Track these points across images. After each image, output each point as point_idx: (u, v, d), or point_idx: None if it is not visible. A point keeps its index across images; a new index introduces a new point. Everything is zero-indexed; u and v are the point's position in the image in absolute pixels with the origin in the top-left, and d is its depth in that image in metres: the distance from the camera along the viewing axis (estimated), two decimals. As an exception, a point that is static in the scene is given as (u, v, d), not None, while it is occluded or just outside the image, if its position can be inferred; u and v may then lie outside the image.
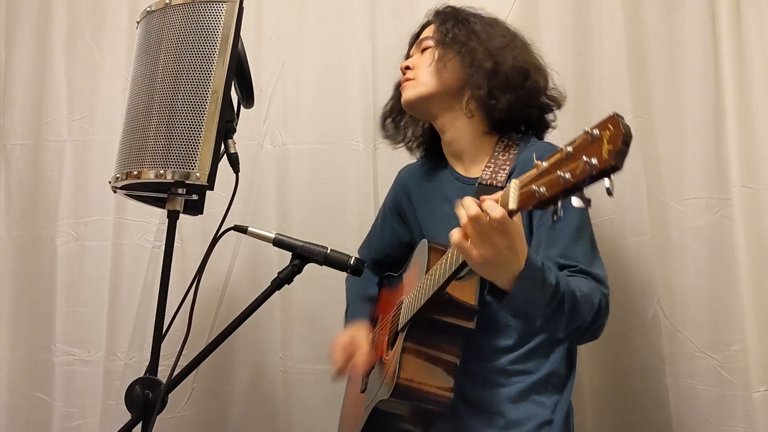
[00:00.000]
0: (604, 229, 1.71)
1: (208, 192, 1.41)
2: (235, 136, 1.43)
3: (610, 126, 0.86)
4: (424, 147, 1.70)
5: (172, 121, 1.34)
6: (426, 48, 1.56)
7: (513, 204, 1.01)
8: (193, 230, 1.99)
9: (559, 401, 1.39)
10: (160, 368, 1.33)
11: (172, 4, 1.40)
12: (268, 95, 2.05)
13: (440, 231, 1.53)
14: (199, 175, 1.31)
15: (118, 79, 2.11)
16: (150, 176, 1.34)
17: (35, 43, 2.20)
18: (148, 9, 1.45)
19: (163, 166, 1.33)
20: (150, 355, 1.33)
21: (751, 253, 1.57)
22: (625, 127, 0.85)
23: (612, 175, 0.86)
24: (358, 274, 1.44)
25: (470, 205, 1.07)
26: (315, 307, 1.95)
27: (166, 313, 1.34)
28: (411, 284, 1.46)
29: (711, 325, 1.63)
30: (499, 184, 1.43)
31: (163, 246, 1.38)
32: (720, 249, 1.62)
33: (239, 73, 1.42)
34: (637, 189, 1.71)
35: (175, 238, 1.40)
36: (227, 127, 1.39)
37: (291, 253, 1.42)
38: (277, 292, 1.40)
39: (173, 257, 1.37)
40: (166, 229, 1.38)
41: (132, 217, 2.06)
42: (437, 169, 1.64)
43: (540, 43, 1.65)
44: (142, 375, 1.30)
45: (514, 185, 1.02)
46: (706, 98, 1.69)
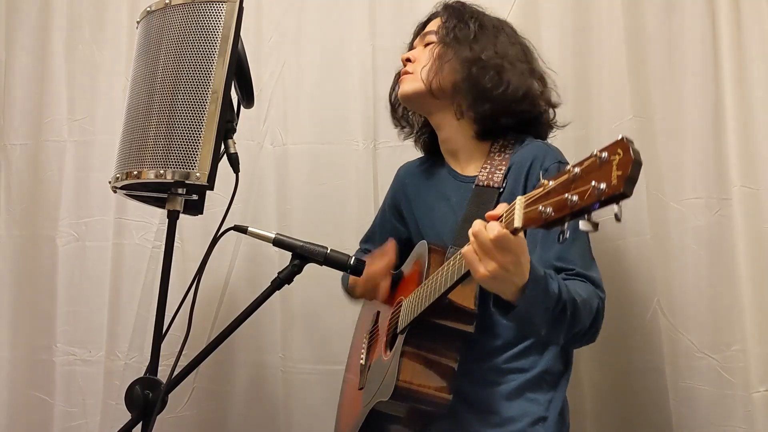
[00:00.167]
0: (604, 229, 1.67)
1: (208, 192, 1.41)
2: (235, 136, 1.43)
3: (619, 150, 0.85)
4: (424, 140, 1.70)
5: (172, 121, 1.34)
6: (429, 43, 1.56)
7: (518, 222, 1.02)
8: (193, 230, 1.99)
9: (554, 398, 1.40)
10: (160, 368, 1.33)
11: (172, 4, 1.40)
12: (268, 95, 2.05)
13: (438, 229, 1.54)
14: (199, 175, 1.31)
15: (119, 79, 2.11)
16: (150, 176, 1.34)
17: (35, 43, 2.19)
18: (148, 9, 1.45)
19: (163, 166, 1.33)
20: (150, 355, 1.34)
21: (751, 253, 1.57)
22: (635, 152, 0.84)
23: (620, 203, 0.86)
24: (358, 274, 1.44)
25: (475, 224, 1.10)
26: (315, 307, 1.95)
27: (166, 313, 1.34)
28: (410, 285, 1.46)
29: (711, 325, 1.62)
30: (496, 184, 1.44)
31: (163, 246, 1.39)
32: (720, 249, 1.62)
33: (239, 73, 1.42)
34: (637, 189, 1.63)
35: (175, 238, 1.40)
36: (227, 127, 1.39)
37: (291, 253, 1.42)
38: (277, 292, 1.40)
39: (173, 257, 1.37)
40: (166, 229, 1.38)
41: (132, 217, 2.06)
42: (435, 166, 1.64)
43: (540, 43, 1.66)
44: (142, 375, 1.30)
45: (520, 203, 1.02)
46: (706, 98, 1.68)
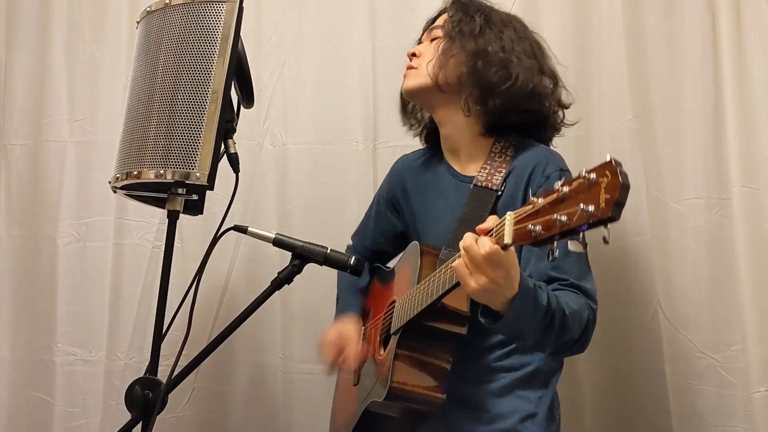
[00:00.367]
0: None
1: (208, 192, 1.41)
2: (235, 136, 1.43)
3: (607, 173, 0.85)
4: (426, 134, 1.68)
5: (172, 121, 1.34)
6: (435, 38, 1.55)
7: (508, 239, 1.03)
8: (193, 230, 1.99)
9: (544, 395, 1.40)
10: (160, 368, 1.33)
11: (172, 4, 1.40)
12: (268, 95, 2.05)
13: (434, 226, 1.54)
14: (199, 175, 1.31)
15: (119, 80, 2.11)
16: (150, 176, 1.34)
17: (35, 43, 2.19)
18: (148, 9, 1.45)
19: (163, 166, 1.33)
20: (150, 355, 1.34)
21: (750, 252, 1.57)
22: (623, 176, 0.84)
23: (609, 225, 0.86)
24: (358, 274, 1.44)
25: (466, 237, 1.11)
26: (315, 307, 1.95)
27: (166, 313, 1.34)
28: (403, 285, 1.46)
29: (711, 325, 1.63)
30: (494, 186, 1.44)
31: (163, 246, 1.38)
32: (720, 249, 1.63)
33: (239, 73, 1.42)
34: (637, 189, 1.70)
35: (175, 238, 1.40)
36: (227, 127, 1.39)
37: (291, 253, 1.42)
38: (277, 292, 1.40)
39: (173, 257, 1.37)
40: (166, 229, 1.38)
41: (132, 217, 2.06)
42: (434, 161, 1.63)
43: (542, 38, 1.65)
44: (142, 375, 1.30)
45: (510, 219, 1.03)
46: (706, 98, 1.69)
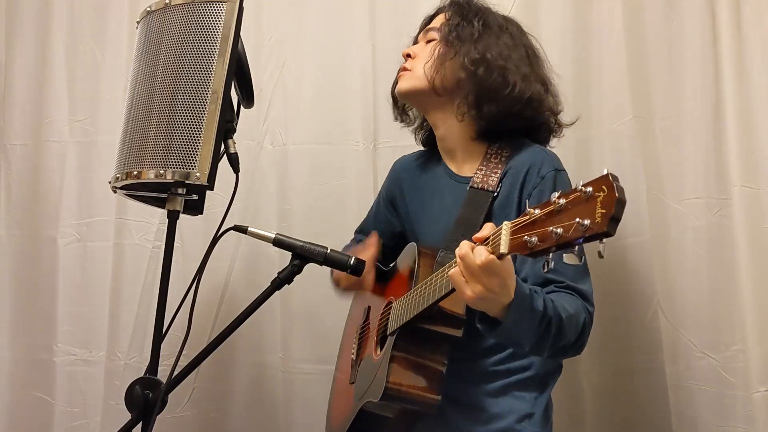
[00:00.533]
0: (603, 229, 1.70)
1: (208, 192, 1.41)
2: (235, 136, 1.43)
3: (604, 187, 0.86)
4: (423, 134, 1.68)
5: (172, 121, 1.34)
6: (431, 39, 1.55)
7: (504, 248, 1.03)
8: (193, 230, 1.98)
9: (540, 396, 1.41)
10: (160, 368, 1.33)
11: (172, 4, 1.40)
12: (268, 95, 2.05)
13: (431, 227, 1.54)
14: (199, 175, 1.31)
15: (120, 80, 2.11)
16: (150, 176, 1.34)
17: (36, 43, 2.19)
18: (148, 9, 1.45)
19: (163, 166, 1.33)
20: (150, 355, 1.34)
21: (751, 253, 1.56)
22: (619, 190, 0.85)
23: (604, 240, 0.86)
24: (358, 274, 1.44)
25: (462, 246, 1.11)
26: (315, 307, 1.95)
27: (166, 313, 1.34)
28: (400, 286, 1.46)
29: (711, 325, 1.62)
30: (490, 188, 1.44)
31: (163, 246, 1.39)
32: (720, 249, 1.62)
33: (239, 73, 1.42)
34: (636, 189, 1.70)
35: (175, 238, 1.40)
36: (227, 127, 1.39)
37: (291, 253, 1.42)
38: (277, 292, 1.40)
39: (173, 257, 1.37)
40: (166, 229, 1.38)
41: (133, 217, 2.06)
42: (432, 162, 1.63)
43: (540, 43, 1.65)
44: (143, 375, 1.30)
45: (506, 229, 1.03)
46: (706, 98, 1.68)
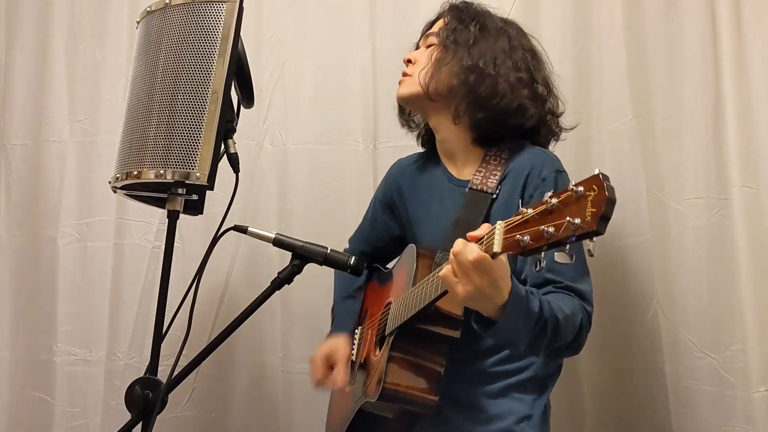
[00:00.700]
0: (604, 229, 1.70)
1: (208, 192, 1.41)
2: (235, 136, 1.43)
3: (594, 186, 0.86)
4: (424, 137, 1.69)
5: (172, 121, 1.34)
6: (430, 44, 1.56)
7: (497, 247, 1.04)
8: (193, 230, 1.98)
9: (538, 398, 1.42)
10: (160, 368, 1.33)
11: (172, 4, 1.40)
12: (268, 95, 2.05)
13: (430, 229, 1.55)
14: (199, 175, 1.31)
15: (120, 80, 2.11)
16: (150, 176, 1.34)
17: (36, 43, 2.19)
18: (148, 9, 1.45)
19: (163, 166, 1.33)
20: (150, 355, 1.34)
21: (751, 253, 1.56)
22: (610, 190, 0.85)
23: (594, 239, 0.87)
24: (358, 274, 1.44)
25: (456, 243, 1.11)
26: (315, 307, 1.95)
27: (166, 313, 1.34)
28: (399, 288, 1.47)
29: (711, 325, 1.62)
30: (489, 190, 1.44)
31: (163, 246, 1.38)
32: (720, 249, 1.62)
33: (239, 73, 1.42)
34: (636, 189, 1.70)
35: (175, 238, 1.40)
36: (227, 127, 1.39)
37: (291, 253, 1.42)
38: (277, 292, 1.40)
39: (173, 257, 1.37)
40: (166, 229, 1.38)
41: (133, 217, 2.06)
42: (431, 165, 1.63)
43: (540, 43, 1.65)
44: (143, 375, 1.30)
45: (500, 228, 1.04)
46: (706, 98, 1.68)
